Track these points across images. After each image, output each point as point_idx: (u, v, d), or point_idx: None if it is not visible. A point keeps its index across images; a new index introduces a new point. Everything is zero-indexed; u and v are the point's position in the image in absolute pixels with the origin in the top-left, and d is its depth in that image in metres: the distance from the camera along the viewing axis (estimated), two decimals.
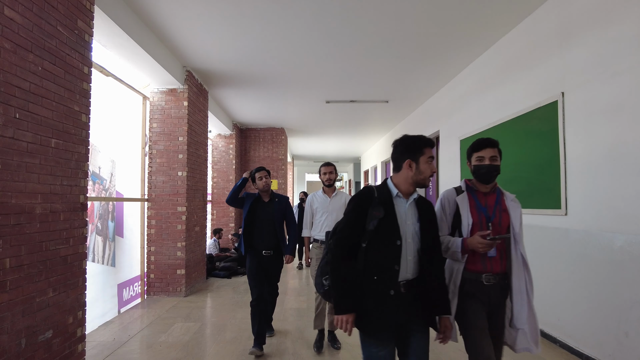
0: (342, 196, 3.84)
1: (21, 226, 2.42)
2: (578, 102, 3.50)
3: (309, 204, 3.86)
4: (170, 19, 4.32)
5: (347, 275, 1.80)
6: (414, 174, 1.87)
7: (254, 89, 7.02)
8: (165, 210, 5.71)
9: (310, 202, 3.86)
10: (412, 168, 1.87)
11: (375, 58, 5.45)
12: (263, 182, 3.72)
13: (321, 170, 3.86)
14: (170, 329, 4.24)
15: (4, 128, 2.27)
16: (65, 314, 2.88)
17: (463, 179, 2.36)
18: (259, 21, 4.33)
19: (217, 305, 5.35)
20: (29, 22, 2.47)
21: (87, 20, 3.14)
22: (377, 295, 1.80)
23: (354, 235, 1.83)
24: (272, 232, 3.68)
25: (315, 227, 3.80)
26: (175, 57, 5.41)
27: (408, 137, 1.94)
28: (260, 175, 3.73)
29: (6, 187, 2.29)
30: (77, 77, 3.01)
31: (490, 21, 4.32)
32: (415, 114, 8.70)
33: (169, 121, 5.78)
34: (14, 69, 2.35)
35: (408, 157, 1.88)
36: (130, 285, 5.61)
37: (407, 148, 1.90)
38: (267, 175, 3.76)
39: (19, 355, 2.38)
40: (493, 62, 5.02)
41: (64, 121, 2.85)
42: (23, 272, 2.44)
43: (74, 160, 2.97)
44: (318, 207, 3.79)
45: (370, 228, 1.79)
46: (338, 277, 1.81)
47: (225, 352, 3.60)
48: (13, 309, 2.34)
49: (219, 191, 9.67)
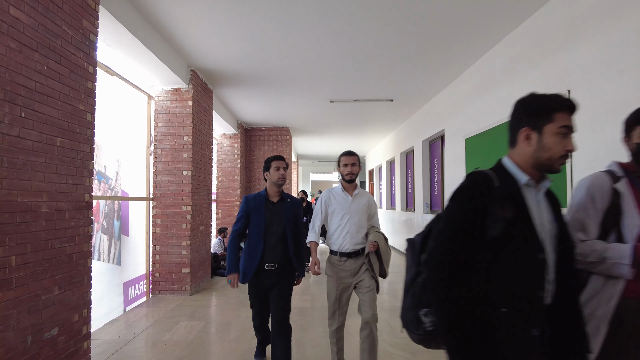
0: (365, 196, 3.12)
1: (27, 224, 2.44)
2: (584, 100, 3.46)
3: (323, 203, 3.07)
4: (175, 18, 4.33)
5: (468, 313, 1.19)
6: (534, 150, 1.28)
7: (259, 89, 7.03)
8: (170, 209, 5.74)
9: (325, 201, 3.07)
10: (532, 141, 1.29)
11: (380, 56, 5.43)
12: (280, 174, 2.97)
13: (341, 160, 3.09)
14: (174, 328, 4.26)
15: (9, 127, 2.29)
16: (71, 312, 2.89)
17: (612, 161, 1.68)
18: (263, 20, 4.33)
19: (222, 304, 5.36)
20: (34, 21, 2.49)
21: (92, 20, 3.15)
22: (511, 339, 1.19)
23: (465, 247, 1.22)
24: (282, 241, 2.94)
25: (333, 233, 3.00)
26: (180, 56, 5.43)
27: (534, 95, 1.33)
28: (277, 164, 2.98)
29: (12, 185, 2.31)
30: (82, 76, 3.03)
31: (495, 19, 4.29)
32: (420, 113, 8.67)
33: (174, 120, 5.80)
34: (19, 68, 2.37)
35: (527, 125, 1.30)
36: (135, 283, 5.64)
37: (529, 110, 1.31)
38: (285, 167, 3.02)
39: (25, 352, 2.40)
40: (498, 60, 4.98)
41: (69, 120, 2.87)
42: (29, 269, 2.46)
43: (79, 159, 2.99)
44: (336, 209, 2.99)
45: (495, 235, 1.20)
46: (454, 315, 1.19)
47: (230, 350, 3.61)
48: (19, 306, 2.36)
49: (223, 190, 9.69)
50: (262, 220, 2.92)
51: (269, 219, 2.94)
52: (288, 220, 2.97)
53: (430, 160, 8.41)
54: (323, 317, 4.66)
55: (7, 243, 2.27)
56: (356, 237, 2.94)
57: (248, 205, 3.00)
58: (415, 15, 4.21)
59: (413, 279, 1.38)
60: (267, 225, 2.93)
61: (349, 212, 2.97)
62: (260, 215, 2.94)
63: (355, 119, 9.56)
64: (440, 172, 7.70)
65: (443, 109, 7.13)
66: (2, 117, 2.23)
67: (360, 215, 2.98)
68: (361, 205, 3.02)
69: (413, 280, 1.38)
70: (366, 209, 3.03)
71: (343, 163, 3.07)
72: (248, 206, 3.00)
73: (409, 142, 9.40)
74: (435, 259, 1.25)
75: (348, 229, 2.94)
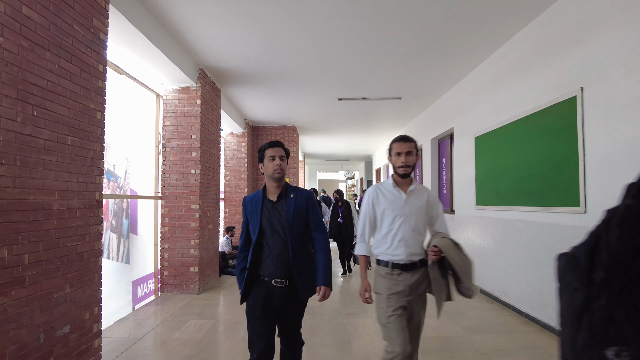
0: (424, 193, 2.44)
1: (39, 223, 2.45)
2: (598, 98, 3.41)
3: (370, 201, 2.45)
4: (183, 17, 4.34)
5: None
6: None
7: (266, 87, 7.02)
8: (178, 207, 5.75)
9: (372, 200, 2.44)
10: None
11: (388, 54, 5.40)
12: (275, 164, 2.31)
13: (393, 148, 2.40)
14: (183, 326, 4.27)
15: (22, 126, 2.30)
16: (82, 310, 2.91)
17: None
18: (271, 19, 4.32)
19: (230, 302, 5.37)
20: (46, 20, 2.50)
21: (102, 19, 3.16)
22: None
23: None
24: (284, 249, 2.29)
25: (382, 240, 2.39)
26: (188, 55, 5.44)
27: None
28: (272, 153, 2.33)
29: (24, 184, 2.32)
30: (93, 75, 3.03)
31: (507, 15, 4.24)
32: (428, 111, 8.61)
33: (182, 119, 5.81)
34: (31, 67, 2.37)
35: None
36: (144, 282, 5.66)
37: None
38: (283, 156, 2.36)
39: (38, 349, 2.41)
40: (508, 57, 4.93)
41: (80, 119, 2.88)
42: (41, 268, 2.47)
43: (90, 158, 3.00)
44: (386, 209, 2.37)
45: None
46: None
47: (239, 349, 3.61)
48: (32, 304, 2.38)
49: (231, 189, 9.72)
50: (257, 224, 2.31)
51: (267, 221, 2.32)
52: (292, 220, 2.29)
53: (439, 158, 8.36)
54: (331, 315, 4.66)
55: (20, 241, 2.28)
56: (413, 245, 2.33)
57: (246, 208, 2.41)
58: (425, 11, 4.17)
59: (584, 306, 1.01)
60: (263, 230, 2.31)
61: (403, 214, 2.34)
62: (256, 217, 2.32)
63: (362, 117, 9.53)
64: (449, 171, 7.64)
65: (452, 107, 7.07)
66: (14, 116, 2.24)
67: (417, 218, 2.35)
68: (419, 204, 2.37)
69: (585, 308, 1.01)
70: (425, 210, 2.38)
71: (396, 151, 2.37)
72: (246, 210, 2.41)
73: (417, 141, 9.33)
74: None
75: (402, 235, 2.32)
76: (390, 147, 2.44)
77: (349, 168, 23.17)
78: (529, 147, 4.40)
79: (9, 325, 2.19)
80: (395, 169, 2.40)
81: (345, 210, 7.05)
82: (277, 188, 2.37)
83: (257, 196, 2.40)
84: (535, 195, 4.28)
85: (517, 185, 4.65)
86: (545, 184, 4.09)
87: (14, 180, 2.24)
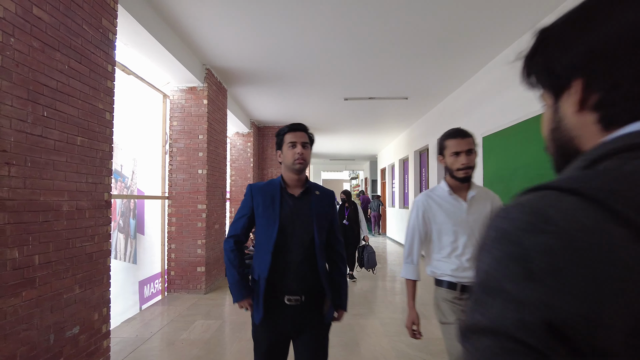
0: (488, 198, 2.00)
1: (49, 223, 2.45)
2: None
3: (420, 214, 2.02)
4: (191, 17, 4.33)
5: None
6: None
7: (272, 87, 7.01)
8: (185, 207, 5.76)
9: (423, 212, 2.00)
10: None
11: (395, 54, 5.37)
12: (296, 153, 1.86)
13: (448, 146, 1.91)
14: (191, 327, 4.27)
15: (32, 126, 2.30)
16: (91, 311, 2.91)
17: None
18: (278, 19, 4.30)
19: None
20: (56, 20, 2.49)
21: (111, 19, 3.16)
22: None
23: None
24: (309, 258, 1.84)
25: (446, 260, 1.94)
26: (195, 55, 5.43)
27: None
28: (293, 139, 1.88)
29: (35, 184, 2.32)
30: (102, 75, 3.03)
31: (515, 14, 4.20)
32: (435, 111, 8.57)
33: (189, 119, 5.81)
34: (42, 67, 2.37)
35: None
36: (151, 282, 5.67)
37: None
38: (306, 142, 1.91)
39: (48, 350, 2.41)
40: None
41: (89, 119, 2.87)
42: (51, 268, 2.47)
43: (99, 158, 3.00)
44: (445, 223, 1.95)
45: None
46: None
47: (247, 350, 3.60)
48: (42, 304, 2.37)
49: (236, 189, 9.72)
50: (275, 222, 1.81)
51: (288, 220, 1.83)
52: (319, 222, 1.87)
53: None
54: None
55: (31, 242, 2.28)
56: None
57: (254, 198, 1.90)
58: (432, 10, 4.14)
59: None
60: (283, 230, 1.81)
61: (466, 228, 1.91)
62: (274, 213, 1.83)
63: (368, 117, 9.50)
64: None
65: (460, 107, 7.03)
66: (25, 117, 2.24)
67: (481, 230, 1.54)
68: (484, 213, 1.92)
69: None
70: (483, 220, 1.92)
71: (453, 150, 1.88)
72: (254, 200, 1.90)
73: (424, 141, 9.30)
74: None
75: (471, 253, 1.89)
76: (443, 145, 1.93)
77: (353, 168, 23.14)
78: (540, 146, 4.36)
79: (20, 326, 2.19)
80: (452, 172, 1.92)
81: (351, 212, 6.93)
82: (298, 181, 1.92)
83: (273, 187, 1.90)
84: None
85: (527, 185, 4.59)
86: None
87: (24, 181, 2.24)
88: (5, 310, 2.09)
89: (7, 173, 2.11)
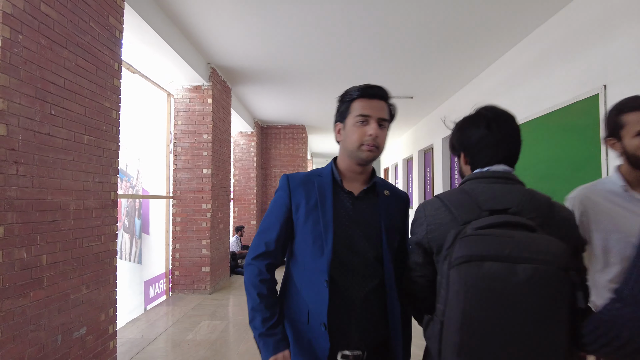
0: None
1: (57, 223, 2.42)
2: (622, 96, 3.28)
3: (586, 217, 1.46)
4: (196, 15, 4.29)
5: None
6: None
7: (276, 86, 6.98)
8: (190, 207, 5.73)
9: (581, 215, 1.46)
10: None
11: (400, 53, 5.33)
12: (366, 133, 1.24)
13: (628, 122, 1.36)
14: (197, 327, 4.24)
15: (40, 124, 2.27)
16: (98, 311, 2.88)
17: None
18: (282, 17, 4.27)
19: (242, 303, 5.33)
20: (63, 18, 2.46)
21: (118, 17, 3.13)
22: None
23: None
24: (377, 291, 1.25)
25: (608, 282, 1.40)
26: (200, 53, 5.40)
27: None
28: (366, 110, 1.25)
29: (43, 183, 2.29)
30: (108, 73, 3.00)
31: (524, 12, 4.15)
32: (441, 109, 8.52)
33: (194, 118, 5.78)
34: (49, 65, 2.34)
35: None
36: (155, 282, 5.64)
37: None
38: (384, 119, 1.29)
39: (55, 351, 2.38)
40: (525, 55, 4.83)
41: (96, 117, 2.84)
42: (58, 269, 2.44)
43: (105, 157, 2.97)
44: (614, 233, 1.38)
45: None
46: None
47: (254, 351, 3.56)
48: (50, 305, 2.34)
49: (240, 189, 9.69)
50: (326, 232, 1.24)
51: (345, 231, 1.26)
52: (390, 240, 1.28)
53: (451, 158, 8.26)
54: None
55: (39, 242, 2.25)
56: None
57: (293, 195, 1.32)
58: (438, 9, 4.09)
59: None
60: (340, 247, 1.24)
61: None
62: (324, 219, 1.26)
63: None
64: None
65: (465, 106, 6.95)
66: (33, 115, 2.21)
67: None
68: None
69: None
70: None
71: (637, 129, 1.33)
72: (293, 198, 1.32)
73: (428, 140, 9.25)
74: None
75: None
76: (620, 123, 1.38)
77: None
78: (548, 146, 4.31)
79: (28, 327, 2.16)
80: (630, 158, 1.37)
81: None
82: (361, 175, 1.33)
83: (321, 180, 1.32)
84: (555, 195, 4.16)
85: (536, 185, 4.53)
86: (566, 184, 4.00)
87: (32, 180, 2.21)
88: (14, 311, 2.06)
89: (16, 172, 2.08)
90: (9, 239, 2.04)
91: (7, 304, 2.02)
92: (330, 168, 1.35)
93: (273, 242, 1.28)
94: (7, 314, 2.02)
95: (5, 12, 2.01)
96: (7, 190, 2.03)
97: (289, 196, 1.31)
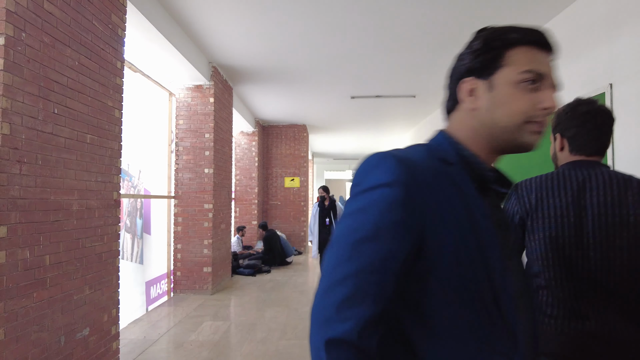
0: None
1: (60, 223, 2.40)
2: (628, 95, 3.30)
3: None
4: (198, 14, 4.27)
5: None
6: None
7: (278, 85, 6.95)
8: (191, 207, 5.70)
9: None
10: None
11: (403, 51, 5.30)
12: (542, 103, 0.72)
13: None
14: (199, 328, 4.21)
15: (43, 123, 2.24)
16: (101, 312, 2.85)
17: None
18: (284, 16, 4.24)
19: (245, 303, 5.31)
20: (66, 16, 2.44)
21: (121, 15, 3.10)
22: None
23: None
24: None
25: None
26: (202, 52, 5.38)
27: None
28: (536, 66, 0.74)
29: (46, 183, 2.27)
30: (111, 72, 2.98)
31: (528, 10, 4.13)
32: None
33: (196, 118, 5.75)
34: (52, 63, 2.32)
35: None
36: (157, 282, 5.62)
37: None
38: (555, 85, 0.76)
39: (59, 352, 2.36)
40: None
41: (99, 116, 2.82)
42: (61, 269, 2.42)
43: (108, 157, 2.94)
44: None
45: None
46: None
47: (258, 352, 3.54)
48: (53, 306, 2.32)
49: (241, 189, 9.66)
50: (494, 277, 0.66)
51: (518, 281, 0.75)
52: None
53: None
54: None
55: (42, 242, 2.23)
56: None
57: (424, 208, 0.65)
58: (441, 8, 4.07)
59: None
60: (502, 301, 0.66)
61: None
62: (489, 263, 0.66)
63: (374, 115, 9.43)
64: None
65: None
66: (36, 114, 2.18)
67: None
68: None
69: None
70: None
71: None
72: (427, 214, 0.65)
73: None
74: None
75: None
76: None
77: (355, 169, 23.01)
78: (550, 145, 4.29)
79: (31, 328, 2.14)
80: None
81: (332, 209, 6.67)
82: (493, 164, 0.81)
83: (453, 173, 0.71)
84: None
85: None
86: None
87: (35, 180, 2.18)
88: (17, 311, 2.04)
89: (19, 171, 2.06)
90: (12, 239, 2.01)
91: (11, 304, 2.00)
92: (455, 147, 0.76)
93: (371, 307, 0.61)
94: (10, 315, 1.99)
95: (9, 10, 1.98)
96: (11, 190, 2.00)
97: (415, 211, 0.65)
